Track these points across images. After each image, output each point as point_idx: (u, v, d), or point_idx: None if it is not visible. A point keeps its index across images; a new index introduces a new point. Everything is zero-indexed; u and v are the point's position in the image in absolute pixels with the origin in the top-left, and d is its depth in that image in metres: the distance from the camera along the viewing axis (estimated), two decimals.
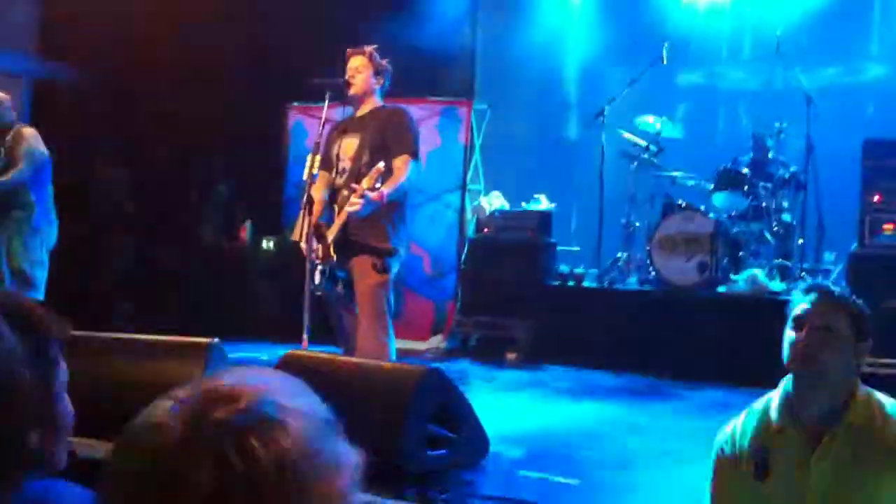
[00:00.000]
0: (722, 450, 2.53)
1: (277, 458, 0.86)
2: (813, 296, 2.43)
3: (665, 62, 8.01)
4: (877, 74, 8.48)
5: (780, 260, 7.57)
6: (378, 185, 4.57)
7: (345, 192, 4.79)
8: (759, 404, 2.52)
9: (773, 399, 2.48)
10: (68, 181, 5.85)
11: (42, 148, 5.93)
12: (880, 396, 2.42)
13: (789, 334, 2.44)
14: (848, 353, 2.38)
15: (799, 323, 2.41)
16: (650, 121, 8.09)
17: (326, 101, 4.93)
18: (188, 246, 8.47)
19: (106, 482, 0.91)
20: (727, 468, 2.50)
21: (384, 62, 5.04)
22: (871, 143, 6.95)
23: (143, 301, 7.70)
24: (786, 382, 2.46)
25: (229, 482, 0.84)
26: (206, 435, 0.86)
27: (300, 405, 0.92)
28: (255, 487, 0.84)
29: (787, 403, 2.43)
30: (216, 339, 4.05)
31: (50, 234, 5.96)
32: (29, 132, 5.93)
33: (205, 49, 8.73)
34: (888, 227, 6.71)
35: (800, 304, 2.44)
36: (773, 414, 2.44)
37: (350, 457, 0.94)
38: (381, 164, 4.58)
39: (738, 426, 2.52)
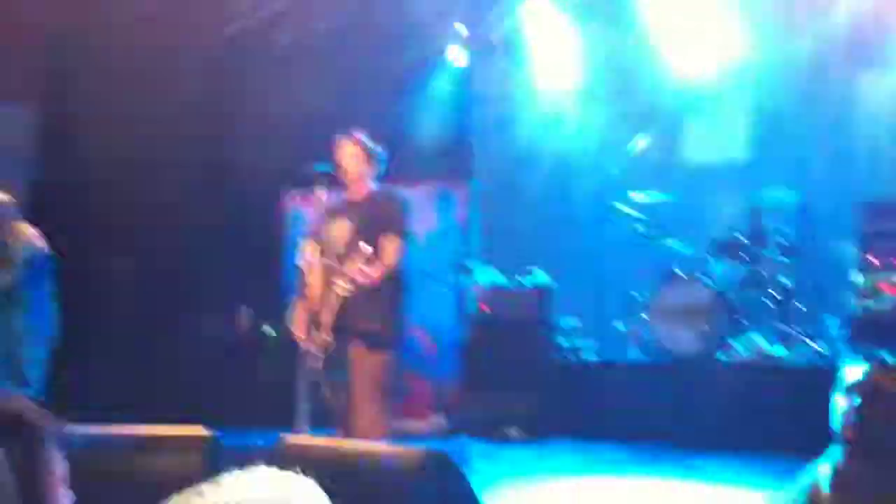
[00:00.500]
0: None
1: None
2: (867, 365, 2.40)
3: (649, 140, 8.14)
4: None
5: (781, 325, 7.55)
6: (364, 267, 4.59)
7: (336, 278, 4.81)
8: (808, 473, 2.47)
9: (821, 469, 2.43)
10: (70, 274, 5.85)
11: (41, 245, 5.91)
12: None
13: (841, 403, 2.39)
14: None
15: (850, 391, 2.36)
16: (644, 198, 8.17)
17: (322, 189, 4.99)
18: (185, 334, 8.45)
19: None
20: None
21: (376, 147, 5.10)
22: (865, 204, 7.01)
23: (142, 392, 7.65)
24: (836, 452, 2.41)
25: None
26: None
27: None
28: None
29: (838, 474, 2.37)
30: (214, 432, 4.01)
31: (45, 331, 5.90)
32: (26, 230, 5.94)
33: (201, 139, 8.85)
34: (886, 287, 6.72)
35: (853, 372, 2.40)
36: (823, 484, 2.40)
37: None
38: (366, 247, 4.60)
39: (786, 496, 2.46)
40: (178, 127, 8.72)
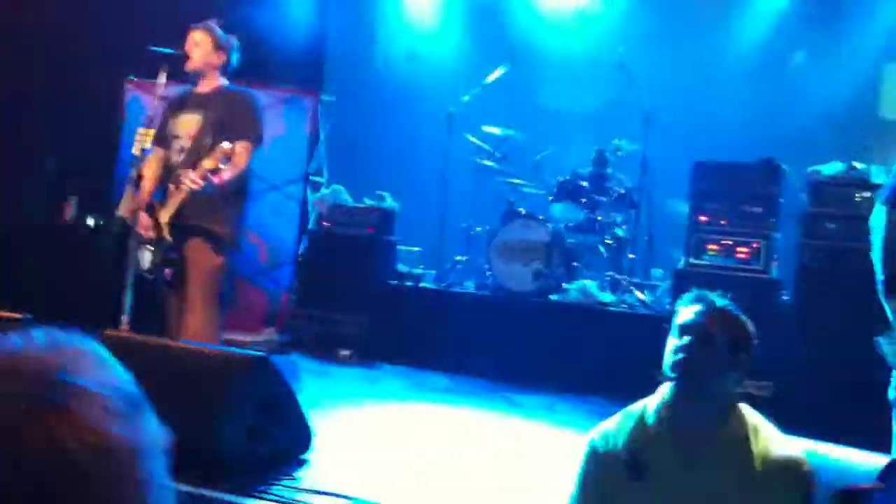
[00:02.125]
0: (595, 449, 2.50)
1: (51, 445, 0.75)
2: (698, 306, 2.44)
3: (510, 70, 8.16)
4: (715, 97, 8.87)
5: (612, 273, 7.80)
6: (222, 165, 4.39)
7: (181, 172, 4.58)
8: (635, 408, 2.52)
9: (649, 404, 2.48)
10: None
11: None
12: (755, 413, 2.45)
13: (672, 342, 2.44)
14: (728, 365, 2.39)
15: (682, 332, 2.42)
16: (496, 131, 8.21)
17: (163, 75, 4.72)
18: (8, 220, 7.95)
19: None
20: (600, 467, 2.48)
21: (229, 38, 4.86)
22: (701, 165, 7.25)
23: None
24: (665, 389, 2.46)
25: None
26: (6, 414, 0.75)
27: (94, 382, 0.81)
28: (24, 478, 0.74)
29: (665, 410, 2.43)
30: (27, 315, 3.78)
31: None
32: None
33: (41, 16, 8.25)
34: (712, 247, 7.02)
35: (684, 313, 2.45)
36: (650, 419, 2.44)
37: (156, 440, 0.83)
38: (227, 145, 4.40)
39: (612, 427, 2.51)
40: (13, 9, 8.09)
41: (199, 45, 4.78)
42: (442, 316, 7.54)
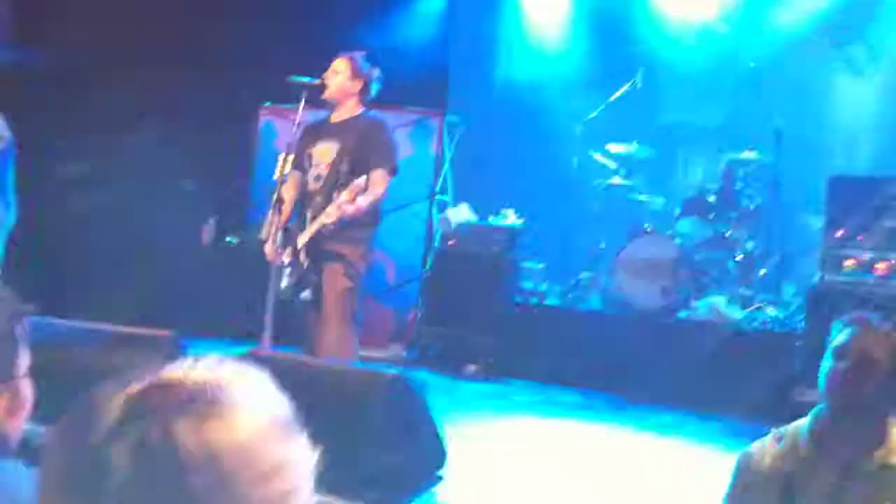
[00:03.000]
0: (744, 471, 2.48)
1: (205, 448, 0.83)
2: (855, 327, 2.40)
3: (639, 86, 8.10)
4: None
5: (742, 289, 7.64)
6: (358, 200, 4.53)
7: (318, 199, 4.74)
8: (788, 429, 2.49)
9: (802, 426, 2.45)
10: (30, 170, 5.73)
11: (3, 133, 5.71)
12: None
13: (827, 364, 2.40)
14: (885, 388, 2.35)
15: (839, 354, 2.38)
16: (622, 149, 8.15)
17: (301, 102, 4.88)
18: (150, 240, 8.35)
19: (43, 461, 0.88)
20: (751, 490, 2.46)
21: (371, 68, 4.97)
22: (836, 179, 7.04)
23: (103, 295, 7.57)
24: (818, 411, 2.43)
25: (148, 466, 0.82)
26: (134, 417, 0.83)
27: (250, 400, 0.89)
28: (175, 475, 0.82)
29: (819, 433, 2.40)
30: (174, 331, 3.98)
31: (6, 218, 5.75)
32: None
33: (179, 44, 8.66)
34: (849, 262, 6.79)
35: (842, 334, 2.41)
36: (804, 442, 2.41)
37: (303, 456, 0.91)
38: (362, 181, 4.53)
39: (763, 449, 2.49)
40: (157, 29, 8.53)
41: (339, 73, 4.93)
42: (567, 332, 7.54)
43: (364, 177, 4.53)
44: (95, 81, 8.44)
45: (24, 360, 1.61)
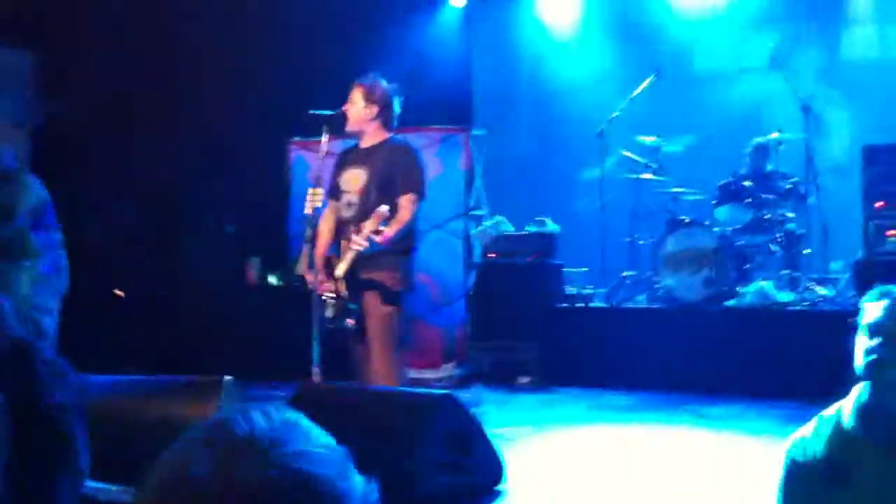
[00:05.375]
0: (794, 460, 2.45)
1: (305, 496, 0.88)
2: (886, 302, 2.33)
3: (658, 79, 8.09)
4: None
5: (788, 271, 7.56)
6: (382, 227, 4.57)
7: (351, 227, 4.80)
8: (831, 412, 2.42)
9: (845, 407, 2.39)
10: (67, 223, 5.85)
11: (39, 192, 5.84)
12: None
13: (862, 341, 2.35)
14: None
15: (871, 332, 2.32)
16: (649, 140, 8.12)
17: (325, 134, 4.94)
18: (196, 285, 8.48)
19: None
20: (802, 478, 2.43)
21: (386, 88, 4.99)
22: (870, 149, 6.97)
23: (151, 343, 7.70)
24: (860, 390, 2.41)
25: None
26: (244, 489, 0.87)
27: (317, 446, 0.93)
28: None
29: (863, 411, 2.35)
30: (228, 377, 4.04)
31: (59, 281, 5.88)
32: (29, 178, 5.89)
33: (205, 85, 8.80)
34: (892, 232, 6.70)
35: (871, 310, 2.35)
36: (848, 423, 2.37)
37: (366, 490, 0.95)
38: (385, 209, 4.55)
39: (809, 435, 2.45)
40: (183, 72, 8.68)
41: (353, 103, 4.98)
42: (616, 334, 7.51)
43: (385, 206, 4.55)
44: (120, 129, 8.60)
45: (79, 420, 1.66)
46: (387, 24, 8.93)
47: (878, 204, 6.77)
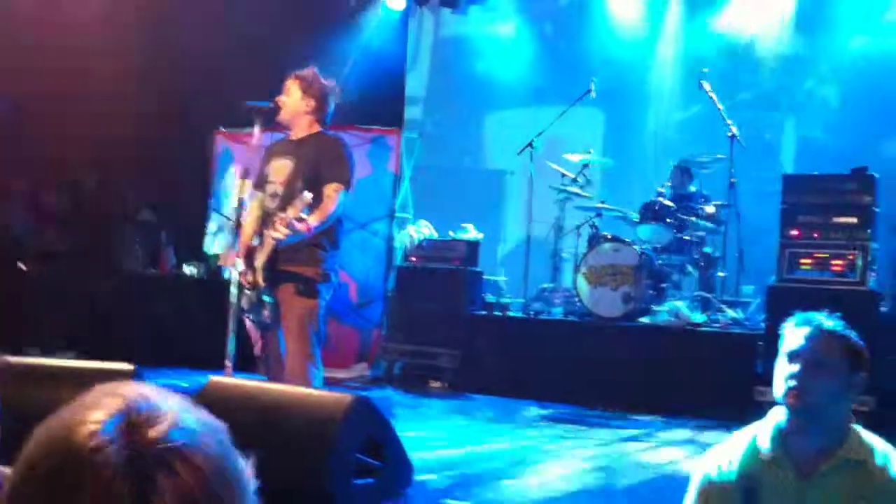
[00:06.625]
0: (708, 478, 2.47)
1: (215, 467, 0.85)
2: (807, 329, 2.38)
3: (593, 96, 8.17)
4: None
5: (702, 292, 7.72)
6: (304, 214, 4.48)
7: (274, 218, 4.71)
8: (746, 433, 2.48)
9: (761, 429, 2.45)
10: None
11: None
12: (869, 434, 2.40)
13: (781, 367, 2.39)
14: (841, 388, 2.34)
15: (792, 357, 2.37)
16: (576, 158, 8.20)
17: (257, 125, 4.85)
18: (110, 272, 8.28)
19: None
20: (714, 496, 2.45)
21: (323, 84, 4.94)
22: (790, 178, 7.14)
23: (64, 328, 7.48)
24: (777, 414, 2.42)
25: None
26: (151, 456, 0.83)
27: (205, 425, 0.90)
28: None
29: (779, 435, 2.39)
30: (136, 366, 3.93)
31: None
32: None
33: (132, 73, 8.61)
34: (806, 261, 6.88)
35: (793, 337, 2.39)
36: (764, 445, 2.41)
37: (250, 476, 0.92)
38: (308, 195, 4.47)
39: (724, 454, 2.47)
40: (109, 60, 8.48)
41: (289, 94, 4.91)
42: (532, 344, 7.56)
43: (309, 193, 4.47)
44: (46, 112, 8.37)
45: None
46: (324, 23, 8.86)
47: (794, 232, 6.93)
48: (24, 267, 8.23)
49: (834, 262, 6.77)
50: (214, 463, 0.86)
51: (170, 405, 0.90)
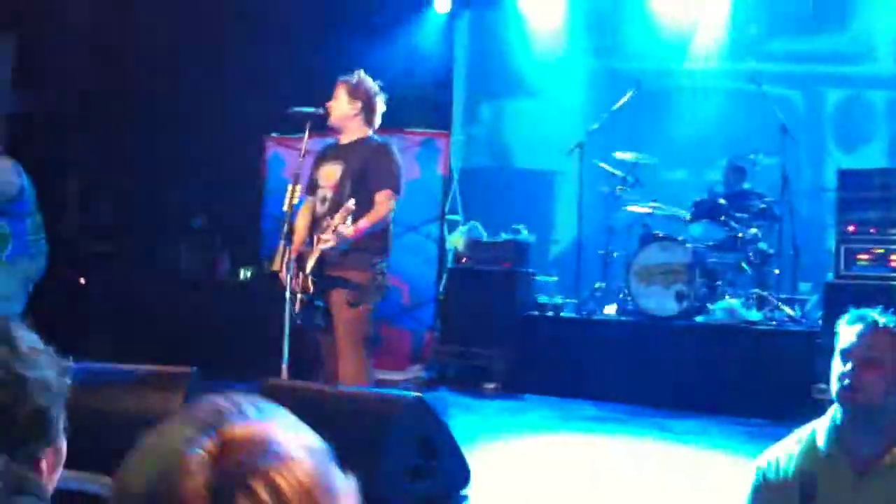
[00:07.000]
0: (765, 475, 2.47)
1: (301, 491, 0.85)
2: (859, 326, 2.36)
3: (637, 93, 8.11)
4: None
5: (757, 290, 7.62)
6: (348, 222, 4.52)
7: (324, 223, 4.77)
8: (804, 431, 2.47)
9: (819, 427, 2.44)
10: (44, 213, 5.79)
11: (12, 179, 5.70)
12: None
13: (837, 366, 2.38)
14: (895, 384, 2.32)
15: (844, 355, 2.35)
16: (628, 156, 8.14)
17: (307, 131, 4.91)
18: (165, 278, 8.41)
19: None
20: (771, 493, 2.44)
21: (369, 87, 4.97)
22: (845, 173, 7.03)
23: (120, 334, 7.62)
24: (834, 411, 2.41)
25: None
26: (234, 478, 0.84)
27: (300, 436, 0.91)
28: None
29: (836, 432, 2.38)
30: (194, 368, 4.00)
31: (29, 267, 5.74)
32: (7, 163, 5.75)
33: (183, 79, 8.75)
34: (863, 256, 6.76)
35: (846, 334, 2.38)
36: (821, 442, 2.40)
37: (347, 484, 0.92)
38: (351, 203, 4.51)
39: (781, 453, 2.47)
40: (160, 67, 8.62)
41: (337, 98, 4.97)
42: (584, 344, 7.53)
43: (352, 201, 4.51)
44: (97, 120, 8.53)
45: (64, 415, 1.62)
46: (371, 28, 8.92)
47: (850, 228, 6.82)
48: (82, 280, 8.40)
49: (892, 257, 6.65)
50: (304, 485, 0.85)
51: (267, 421, 0.90)
